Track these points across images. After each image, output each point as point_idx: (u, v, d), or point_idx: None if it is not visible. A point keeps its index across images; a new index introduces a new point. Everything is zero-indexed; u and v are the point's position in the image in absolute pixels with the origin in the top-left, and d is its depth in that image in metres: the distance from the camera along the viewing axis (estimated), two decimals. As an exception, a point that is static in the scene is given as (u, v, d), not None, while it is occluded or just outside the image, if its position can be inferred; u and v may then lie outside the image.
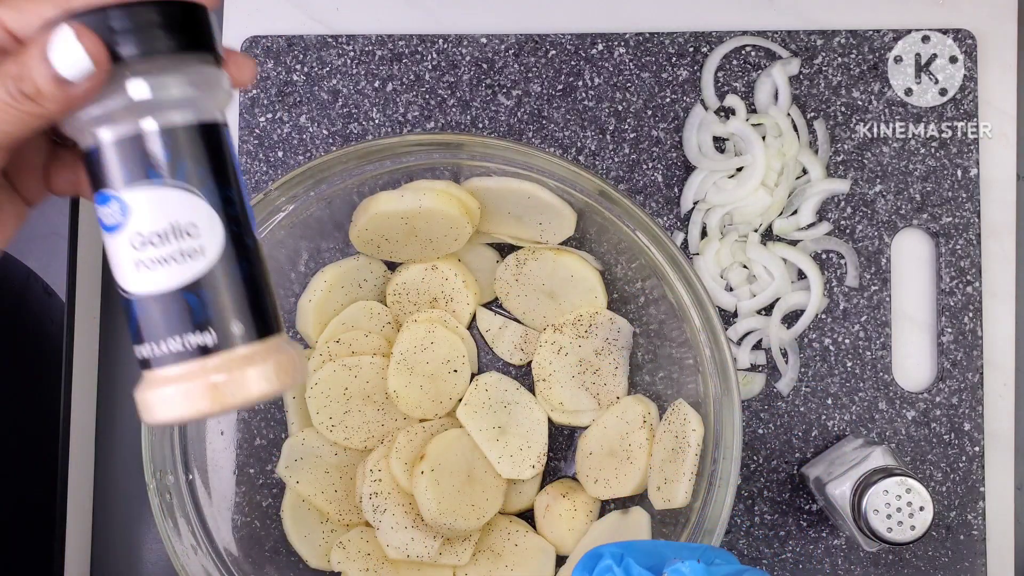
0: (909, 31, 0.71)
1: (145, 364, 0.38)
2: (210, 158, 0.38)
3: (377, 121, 0.71)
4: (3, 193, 0.41)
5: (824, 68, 0.71)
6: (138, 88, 0.36)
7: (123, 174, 0.37)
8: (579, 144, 0.71)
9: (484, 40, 0.72)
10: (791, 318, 0.70)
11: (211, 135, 0.38)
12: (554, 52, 0.71)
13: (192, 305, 0.37)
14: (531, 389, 0.68)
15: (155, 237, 0.37)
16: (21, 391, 0.68)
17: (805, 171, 0.70)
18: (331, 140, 0.71)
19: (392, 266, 0.69)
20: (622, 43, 0.71)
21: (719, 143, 0.71)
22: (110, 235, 0.37)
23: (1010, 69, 0.71)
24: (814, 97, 0.71)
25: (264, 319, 0.39)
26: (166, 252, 0.37)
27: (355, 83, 0.72)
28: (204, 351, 0.37)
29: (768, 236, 0.71)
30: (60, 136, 0.40)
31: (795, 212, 0.70)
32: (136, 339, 0.38)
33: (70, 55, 0.35)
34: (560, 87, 0.71)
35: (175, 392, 0.37)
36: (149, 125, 0.37)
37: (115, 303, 0.72)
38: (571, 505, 0.66)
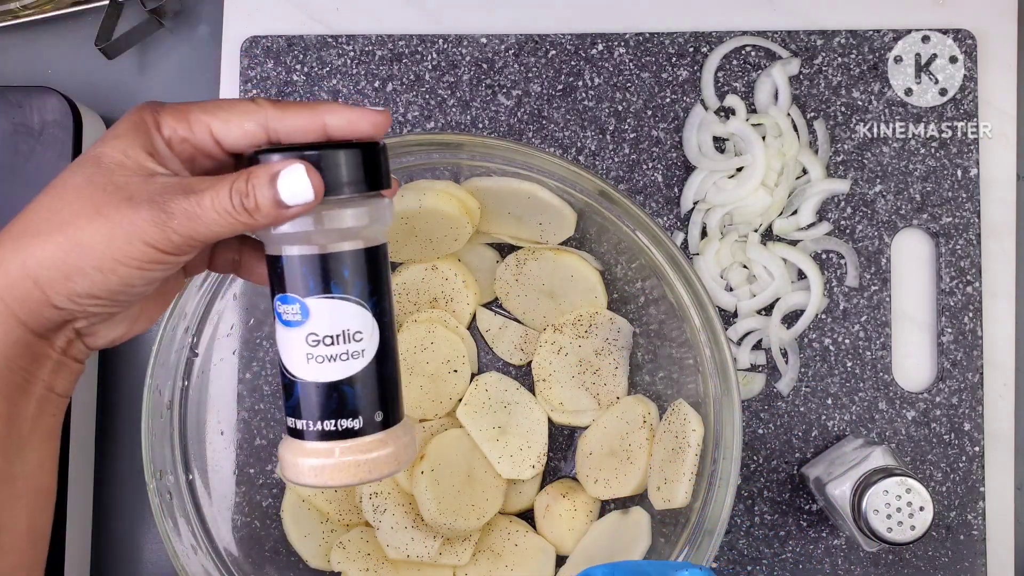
0: (909, 31, 0.71)
1: (296, 434, 0.45)
2: (377, 276, 0.45)
3: (377, 121, 0.71)
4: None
5: (824, 68, 0.71)
6: (333, 219, 0.43)
7: (309, 285, 0.43)
8: (579, 144, 0.71)
9: (484, 40, 0.72)
10: (791, 318, 0.70)
11: (379, 255, 0.45)
12: (554, 52, 0.71)
13: (348, 396, 0.44)
14: (531, 389, 0.68)
15: (328, 339, 0.44)
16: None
17: (805, 171, 0.70)
18: (331, 140, 0.71)
19: (392, 266, 0.69)
20: (622, 43, 0.71)
21: (719, 143, 0.71)
22: (286, 328, 0.44)
23: (1010, 69, 0.71)
24: (814, 97, 0.71)
25: (395, 409, 0.46)
26: (335, 352, 0.44)
27: (355, 83, 0.72)
28: (349, 433, 0.44)
29: (768, 236, 0.71)
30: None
31: (795, 212, 0.70)
32: (292, 413, 0.45)
33: (296, 185, 0.41)
34: (560, 87, 0.71)
35: (321, 464, 0.44)
36: (336, 248, 0.43)
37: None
38: (571, 505, 0.66)
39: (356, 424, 0.44)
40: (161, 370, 0.60)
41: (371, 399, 0.45)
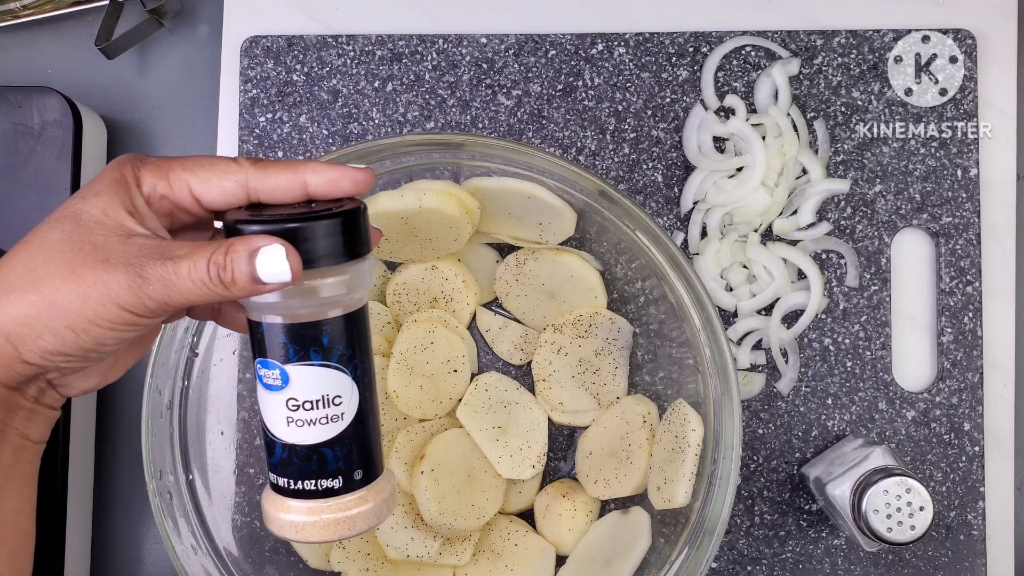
0: (909, 31, 0.71)
1: (278, 490, 0.46)
2: (357, 339, 0.45)
3: (377, 121, 0.71)
4: None
5: (824, 68, 0.71)
6: (312, 290, 0.43)
7: (288, 352, 0.43)
8: (579, 144, 0.71)
9: (484, 40, 0.72)
10: (791, 318, 0.70)
11: (358, 319, 0.45)
12: (554, 52, 0.71)
13: (328, 458, 0.45)
14: (531, 389, 0.68)
15: (308, 404, 0.44)
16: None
17: (805, 171, 0.70)
18: (331, 140, 0.71)
19: (392, 266, 0.69)
20: (622, 43, 0.71)
21: (719, 143, 0.71)
22: (267, 391, 0.44)
23: (1010, 69, 0.71)
24: (814, 97, 0.71)
25: (375, 466, 0.46)
26: (315, 416, 0.44)
27: (355, 83, 0.72)
28: (329, 493, 0.45)
29: (768, 236, 0.71)
30: None
31: (795, 212, 0.70)
32: (274, 470, 0.46)
33: (274, 266, 0.40)
34: (560, 87, 0.71)
35: (302, 522, 0.45)
36: (316, 317, 0.43)
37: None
38: (571, 505, 0.66)
39: (336, 484, 0.45)
40: (161, 370, 0.60)
41: (351, 459, 0.45)
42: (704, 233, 0.70)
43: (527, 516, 0.68)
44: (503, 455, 0.66)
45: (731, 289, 0.70)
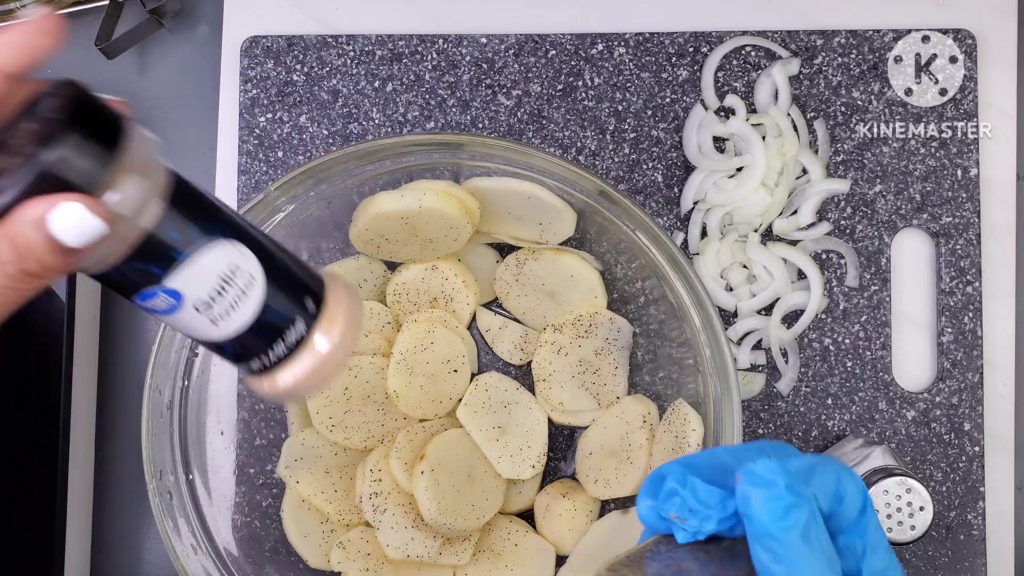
0: (909, 31, 0.71)
1: (258, 372, 0.43)
2: (198, 206, 0.39)
3: (377, 121, 0.72)
4: None
5: (824, 68, 0.71)
6: (124, 209, 0.36)
7: (154, 271, 0.38)
8: (579, 144, 0.71)
9: (484, 40, 0.72)
10: (791, 318, 0.70)
11: (182, 189, 0.39)
12: (554, 52, 0.71)
13: (274, 317, 0.42)
14: (531, 389, 0.68)
15: (214, 293, 0.40)
16: (22, 391, 0.68)
17: (805, 171, 0.70)
18: (331, 140, 0.71)
19: (392, 266, 0.69)
20: (622, 43, 0.71)
21: (719, 143, 0.71)
22: (171, 315, 0.40)
23: (1010, 69, 0.71)
24: (814, 97, 0.71)
25: (313, 285, 0.43)
26: (231, 298, 0.40)
27: (355, 83, 0.72)
28: (301, 340, 0.42)
29: (768, 236, 0.71)
30: None
31: (795, 212, 0.70)
32: (238, 360, 0.43)
33: (79, 226, 0.33)
34: (560, 87, 0.71)
35: (299, 380, 0.43)
36: (150, 223, 0.37)
37: (115, 302, 0.72)
38: (571, 505, 0.66)
39: (301, 329, 0.42)
40: (161, 370, 0.60)
41: (293, 301, 0.42)
42: (704, 233, 0.70)
43: (527, 516, 0.68)
44: (503, 455, 0.66)
45: (731, 289, 0.70)
